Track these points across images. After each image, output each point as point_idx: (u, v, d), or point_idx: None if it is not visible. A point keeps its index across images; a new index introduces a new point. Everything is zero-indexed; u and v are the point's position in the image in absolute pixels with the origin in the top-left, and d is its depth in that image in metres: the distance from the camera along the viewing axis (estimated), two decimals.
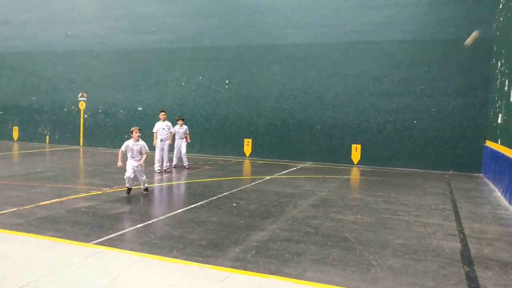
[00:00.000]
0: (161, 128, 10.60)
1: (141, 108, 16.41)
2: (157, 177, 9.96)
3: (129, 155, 7.65)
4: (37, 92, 18.28)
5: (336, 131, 13.49)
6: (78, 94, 17.49)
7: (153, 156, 10.80)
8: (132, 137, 7.65)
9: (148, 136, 14.55)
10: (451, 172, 12.05)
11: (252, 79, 14.59)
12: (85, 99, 17.40)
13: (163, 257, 4.49)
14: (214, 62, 15.09)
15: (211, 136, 15.21)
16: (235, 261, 4.41)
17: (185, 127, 11.44)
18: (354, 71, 13.24)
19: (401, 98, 12.71)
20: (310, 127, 13.81)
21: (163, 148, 10.57)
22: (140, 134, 7.71)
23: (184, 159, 11.34)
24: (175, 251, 4.69)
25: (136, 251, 4.66)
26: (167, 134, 10.65)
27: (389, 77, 12.87)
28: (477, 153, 11.84)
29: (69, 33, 17.47)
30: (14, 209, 6.42)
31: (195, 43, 15.38)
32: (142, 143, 7.68)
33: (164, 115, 10.75)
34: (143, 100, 16.32)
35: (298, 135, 13.98)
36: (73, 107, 17.62)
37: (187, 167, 11.27)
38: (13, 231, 5.29)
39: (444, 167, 12.21)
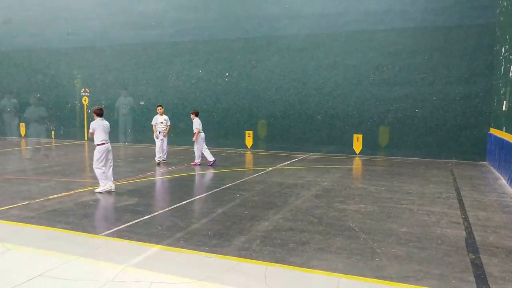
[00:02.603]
0: (159, 122, 11.15)
1: (143, 103, 16.47)
2: (162, 169, 10.05)
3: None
4: (41, 89, 18.36)
5: (337, 121, 13.50)
6: (81, 90, 17.56)
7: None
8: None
9: (149, 130, 14.62)
10: (453, 160, 12.07)
11: (251, 71, 14.57)
12: (88, 94, 17.47)
13: (170, 247, 4.59)
14: (214, 55, 15.07)
15: (213, 129, 15.21)
16: (241, 250, 4.50)
17: (195, 120, 10.74)
18: (354, 61, 13.19)
19: (402, 87, 12.68)
20: (310, 118, 13.82)
21: (161, 140, 11.08)
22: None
23: (196, 154, 10.76)
24: (182, 241, 4.78)
25: (144, 241, 4.76)
26: (165, 127, 11.19)
27: (390, 66, 12.82)
28: (481, 141, 11.84)
29: (70, 30, 17.49)
30: (25, 203, 6.54)
31: (195, 37, 15.35)
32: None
33: (161, 109, 11.19)
34: (145, 94, 16.37)
35: (299, 126, 14.00)
36: (76, 102, 17.71)
37: (197, 164, 10.69)
38: (25, 224, 5.41)
39: (446, 156, 12.23)
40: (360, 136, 13.19)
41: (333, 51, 13.42)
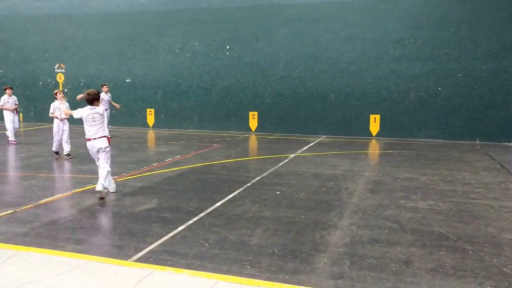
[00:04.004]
0: (106, 99, 11.94)
1: (129, 80, 14.69)
2: (167, 160, 8.62)
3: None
4: (5, 64, 16.08)
5: (352, 100, 12.39)
6: (55, 66, 15.46)
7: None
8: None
9: (136, 111, 13.00)
10: (477, 142, 11.33)
11: (257, 44, 13.10)
12: (64, 70, 15.41)
13: (237, 277, 3.36)
14: (213, 25, 13.42)
15: (211, 110, 13.81)
16: (335, 279, 3.34)
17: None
18: (373, 34, 12.00)
19: (424, 63, 11.66)
20: (323, 97, 12.63)
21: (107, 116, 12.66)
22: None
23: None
24: (248, 267, 3.55)
25: (195, 268, 3.50)
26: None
27: (412, 40, 11.73)
28: (507, 121, 11.11)
29: None
30: (10, 211, 5.04)
31: (190, 4, 13.60)
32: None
33: (106, 88, 12.23)
34: (131, 70, 14.58)
35: (310, 106, 12.80)
36: (49, 80, 15.62)
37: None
38: (19, 246, 3.96)
39: (470, 137, 11.44)
40: (378, 116, 12.18)
41: (349, 23, 12.12)
